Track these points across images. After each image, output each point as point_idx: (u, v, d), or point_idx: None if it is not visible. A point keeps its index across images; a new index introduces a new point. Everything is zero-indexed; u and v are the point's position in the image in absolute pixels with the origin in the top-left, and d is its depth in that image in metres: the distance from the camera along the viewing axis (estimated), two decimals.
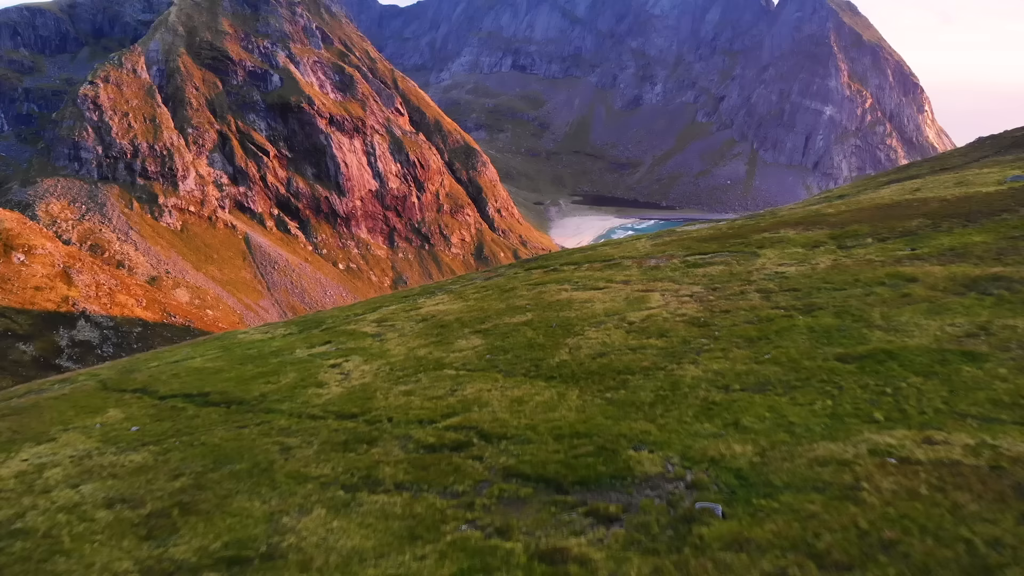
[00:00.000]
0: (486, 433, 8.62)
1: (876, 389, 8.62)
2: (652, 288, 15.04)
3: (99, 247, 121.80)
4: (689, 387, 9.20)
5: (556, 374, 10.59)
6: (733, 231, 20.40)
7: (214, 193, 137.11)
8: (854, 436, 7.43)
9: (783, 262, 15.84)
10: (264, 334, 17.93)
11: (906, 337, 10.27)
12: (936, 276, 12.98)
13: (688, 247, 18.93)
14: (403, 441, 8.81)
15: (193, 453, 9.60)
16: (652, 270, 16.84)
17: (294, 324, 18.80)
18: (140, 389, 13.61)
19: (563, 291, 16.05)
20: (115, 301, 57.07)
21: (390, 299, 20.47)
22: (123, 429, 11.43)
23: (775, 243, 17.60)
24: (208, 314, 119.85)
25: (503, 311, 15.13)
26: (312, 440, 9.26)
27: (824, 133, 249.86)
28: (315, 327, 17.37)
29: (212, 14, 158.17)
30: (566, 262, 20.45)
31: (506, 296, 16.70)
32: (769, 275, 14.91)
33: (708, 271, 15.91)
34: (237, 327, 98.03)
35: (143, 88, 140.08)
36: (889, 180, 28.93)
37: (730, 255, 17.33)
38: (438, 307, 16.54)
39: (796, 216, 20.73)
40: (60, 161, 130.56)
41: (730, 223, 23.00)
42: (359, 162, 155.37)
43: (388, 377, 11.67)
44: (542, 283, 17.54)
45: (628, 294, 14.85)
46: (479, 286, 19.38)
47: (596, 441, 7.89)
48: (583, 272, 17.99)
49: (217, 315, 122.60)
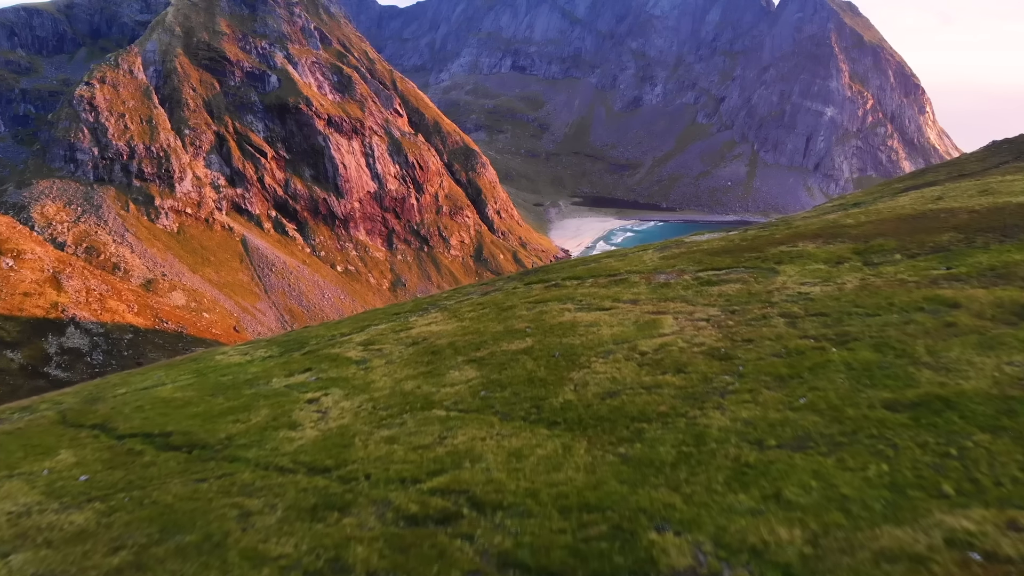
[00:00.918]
0: (478, 500, 7.30)
1: (938, 449, 7.31)
2: (664, 310, 13.71)
3: (95, 249, 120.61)
4: (716, 442, 7.88)
5: (560, 419, 9.28)
6: (747, 243, 19.09)
7: (211, 195, 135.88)
8: (923, 518, 6.13)
9: (805, 280, 14.52)
10: (243, 356, 16.61)
11: (960, 379, 8.97)
12: (981, 302, 11.68)
13: (699, 261, 17.62)
14: (381, 508, 7.50)
15: (141, 516, 8.29)
16: (662, 287, 15.52)
17: (276, 344, 17.46)
18: (99, 425, 12.31)
19: (566, 311, 14.73)
20: (106, 307, 55.74)
21: (380, 316, 19.16)
22: (71, 478, 10.12)
23: (794, 258, 16.29)
24: (204, 318, 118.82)
25: (500, 335, 13.81)
26: (276, 503, 7.95)
27: (825, 134, 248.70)
28: (297, 349, 16.04)
29: (210, 14, 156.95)
30: (568, 276, 19.13)
31: (504, 316, 15.38)
32: (792, 296, 13.60)
33: (723, 290, 14.59)
34: (232, 332, 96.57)
35: (140, 89, 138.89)
36: (905, 187, 27.61)
37: (746, 271, 16.02)
38: (430, 327, 15.22)
39: (813, 227, 19.41)
40: (56, 163, 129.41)
41: (742, 234, 21.68)
42: (357, 163, 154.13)
43: (369, 418, 10.37)
44: (543, 301, 16.22)
45: (638, 317, 13.53)
46: (475, 303, 18.06)
47: (610, 517, 6.58)
48: (587, 289, 16.67)
49: (214, 318, 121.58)
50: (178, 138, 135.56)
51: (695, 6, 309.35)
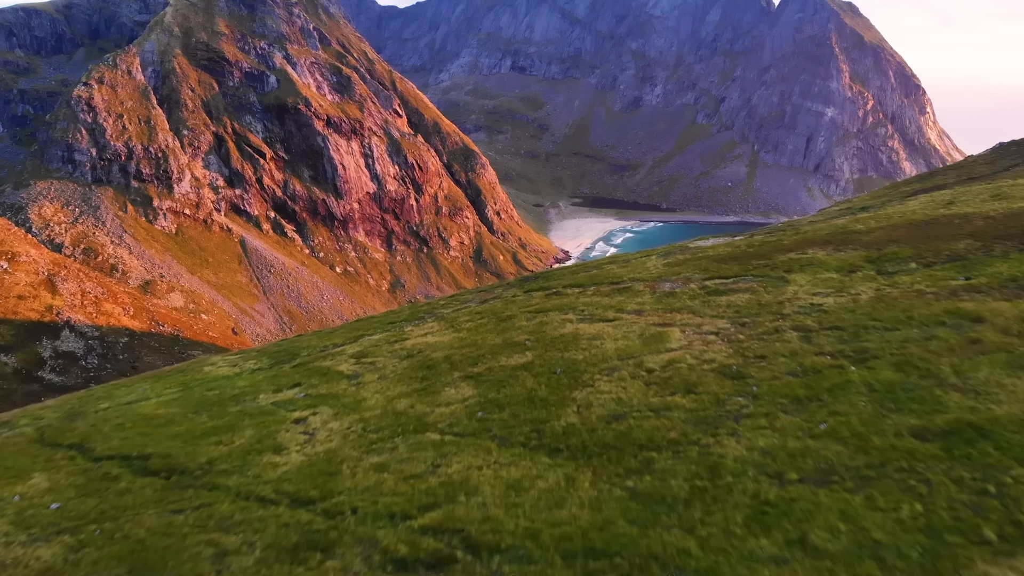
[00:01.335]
0: (473, 541, 6.68)
1: (974, 486, 6.70)
2: (670, 322, 13.09)
3: (92, 251, 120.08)
4: (732, 475, 7.26)
5: (562, 445, 8.66)
6: (754, 250, 18.47)
7: (209, 196, 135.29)
8: (966, 569, 5.52)
9: (817, 291, 13.90)
10: (232, 368, 15.96)
11: (991, 403, 8.36)
12: (1006, 316, 11.07)
13: (705, 269, 17.00)
14: (367, 549, 6.87)
15: (111, 553, 7.67)
16: (668, 297, 14.90)
17: (266, 356, 16.80)
18: (77, 445, 11.69)
19: (567, 322, 14.11)
20: (101, 310, 55.09)
21: (375, 324, 18.51)
22: (43, 505, 9.50)
23: (804, 266, 15.67)
24: (201, 319, 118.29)
25: (499, 348, 13.19)
26: (255, 541, 7.32)
27: (825, 135, 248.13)
28: (288, 360, 15.38)
29: (208, 15, 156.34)
30: (570, 283, 18.51)
31: (503, 327, 14.76)
32: (804, 308, 12.97)
33: (732, 300, 13.97)
34: (230, 334, 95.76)
35: (138, 89, 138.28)
36: (913, 190, 26.99)
37: (755, 280, 15.40)
38: (426, 339, 14.59)
39: (822, 233, 18.79)
40: (54, 163, 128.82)
41: (748, 239, 21.05)
42: (356, 164, 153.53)
43: (359, 441, 9.74)
44: (543, 310, 15.60)
45: (643, 329, 12.90)
46: (473, 311, 17.44)
47: (619, 565, 5.95)
48: (589, 298, 16.04)
49: (212, 320, 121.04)
50: (176, 139, 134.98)
51: (695, 6, 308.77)
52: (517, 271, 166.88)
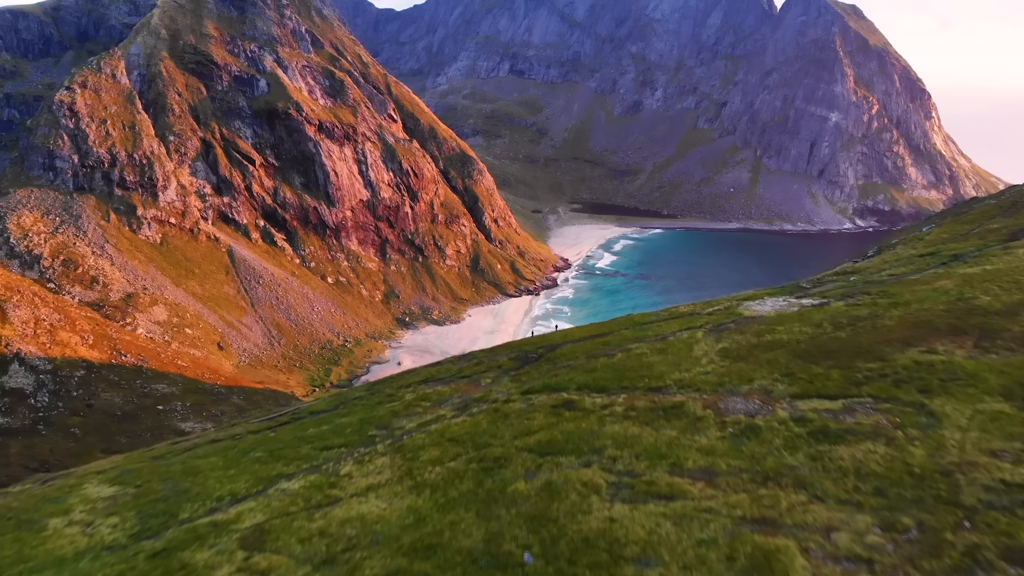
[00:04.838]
0: None
1: None
2: (774, 520, 7.80)
3: (72, 262, 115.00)
4: None
5: None
6: (847, 335, 13.19)
7: (196, 204, 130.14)
8: None
9: (995, 444, 8.72)
10: (82, 535, 10.63)
11: None
12: None
13: (788, 370, 11.78)
14: None
15: None
16: (749, 439, 9.66)
17: (135, 511, 11.15)
18: None
19: (592, 493, 8.87)
20: (56, 339, 49.76)
21: (306, 451, 13.04)
22: None
23: (944, 380, 10.48)
24: (186, 333, 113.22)
25: (475, 555, 7.95)
26: None
27: (829, 140, 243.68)
28: (156, 532, 9.95)
29: (196, 16, 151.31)
30: (587, 381, 13.25)
31: (487, 490, 9.49)
32: (991, 486, 7.81)
33: (859, 456, 8.77)
34: (200, 364, 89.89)
35: (122, 94, 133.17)
36: (1006, 228, 21.69)
37: (873, 403, 10.22)
38: (363, 506, 9.27)
39: (937, 309, 13.57)
40: (34, 171, 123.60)
41: (828, 312, 15.69)
42: (349, 171, 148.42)
43: None
44: (551, 450, 10.38)
45: (731, 534, 7.62)
46: (446, 435, 12.12)
47: None
48: (620, 424, 10.78)
49: (197, 334, 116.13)
50: (162, 145, 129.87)
51: (696, 9, 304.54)
52: (515, 280, 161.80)
